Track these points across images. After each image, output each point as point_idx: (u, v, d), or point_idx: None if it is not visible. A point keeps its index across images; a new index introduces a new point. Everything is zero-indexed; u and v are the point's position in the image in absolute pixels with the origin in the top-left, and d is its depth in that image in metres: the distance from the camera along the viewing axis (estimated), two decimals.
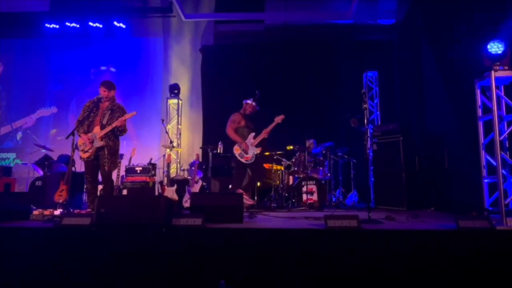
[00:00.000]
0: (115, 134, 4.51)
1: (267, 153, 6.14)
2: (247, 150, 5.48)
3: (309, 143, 6.40)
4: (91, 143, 4.35)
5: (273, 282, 2.86)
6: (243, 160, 5.47)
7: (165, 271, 2.92)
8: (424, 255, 2.88)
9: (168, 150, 6.59)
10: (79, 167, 5.91)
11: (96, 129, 4.41)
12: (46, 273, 2.95)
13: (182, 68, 8.50)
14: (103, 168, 4.41)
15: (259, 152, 5.56)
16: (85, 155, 4.38)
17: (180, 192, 5.79)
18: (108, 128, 4.38)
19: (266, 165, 6.27)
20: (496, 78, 3.79)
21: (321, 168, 6.19)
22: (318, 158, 6.32)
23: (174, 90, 7.78)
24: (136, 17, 8.60)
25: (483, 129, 4.07)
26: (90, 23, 8.38)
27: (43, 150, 6.88)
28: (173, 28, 8.59)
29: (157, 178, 6.56)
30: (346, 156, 6.80)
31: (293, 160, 6.30)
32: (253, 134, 5.61)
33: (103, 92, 4.50)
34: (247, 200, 5.06)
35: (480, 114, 4.08)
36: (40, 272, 2.96)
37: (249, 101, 5.75)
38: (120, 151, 4.79)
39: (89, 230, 3.13)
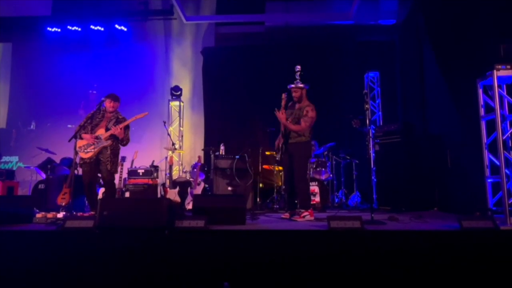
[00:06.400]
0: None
1: (268, 153, 6.15)
2: (278, 147, 4.59)
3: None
4: (95, 142, 4.35)
5: (276, 284, 2.85)
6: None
7: (168, 273, 2.92)
8: (428, 256, 2.87)
9: (170, 152, 6.60)
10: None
11: (101, 131, 4.43)
12: (49, 276, 2.95)
13: (183, 70, 8.52)
14: (105, 168, 4.39)
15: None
16: (88, 155, 4.35)
17: (182, 194, 5.79)
18: (120, 125, 4.39)
19: (267, 167, 6.27)
20: (499, 77, 3.78)
21: (323, 169, 6.18)
22: (320, 159, 6.31)
23: (176, 92, 7.80)
24: (137, 20, 8.63)
25: (486, 129, 4.06)
26: (92, 27, 8.41)
27: (45, 153, 6.89)
28: (174, 31, 8.61)
29: (160, 180, 6.56)
30: (348, 157, 6.79)
31: None
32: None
33: (108, 103, 4.49)
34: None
35: (483, 114, 4.07)
36: (44, 275, 2.96)
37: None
38: (122, 154, 4.80)
39: (92, 232, 3.13)
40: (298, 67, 4.49)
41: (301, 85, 4.41)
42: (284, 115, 4.32)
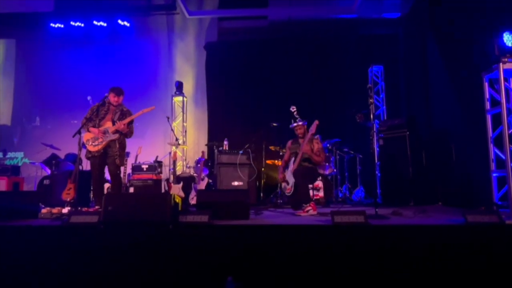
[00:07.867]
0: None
1: (271, 148, 6.14)
2: (283, 181, 4.73)
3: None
4: (103, 136, 4.36)
5: (280, 278, 2.85)
6: (286, 193, 4.71)
7: (172, 267, 2.93)
8: (432, 250, 2.86)
9: (173, 147, 6.61)
10: (86, 165, 5.94)
11: (108, 124, 4.44)
12: (54, 270, 2.98)
13: (186, 65, 8.50)
14: (114, 163, 4.42)
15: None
16: (96, 148, 4.37)
17: (186, 189, 5.80)
18: (124, 121, 4.40)
19: (271, 162, 6.26)
20: (505, 70, 3.74)
21: (327, 164, 6.15)
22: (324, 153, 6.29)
23: (179, 88, 7.79)
24: (140, 15, 8.61)
25: (492, 123, 4.02)
26: (95, 22, 8.40)
27: (49, 149, 6.92)
28: (177, 26, 8.59)
29: (163, 176, 6.58)
30: (352, 152, 6.77)
31: None
32: (293, 158, 4.70)
33: (112, 98, 4.49)
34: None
35: (488, 107, 4.04)
36: (49, 270, 2.98)
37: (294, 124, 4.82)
38: (126, 149, 4.81)
39: (97, 227, 3.15)
40: (293, 108, 4.82)
41: (301, 122, 4.75)
42: (309, 146, 4.58)
